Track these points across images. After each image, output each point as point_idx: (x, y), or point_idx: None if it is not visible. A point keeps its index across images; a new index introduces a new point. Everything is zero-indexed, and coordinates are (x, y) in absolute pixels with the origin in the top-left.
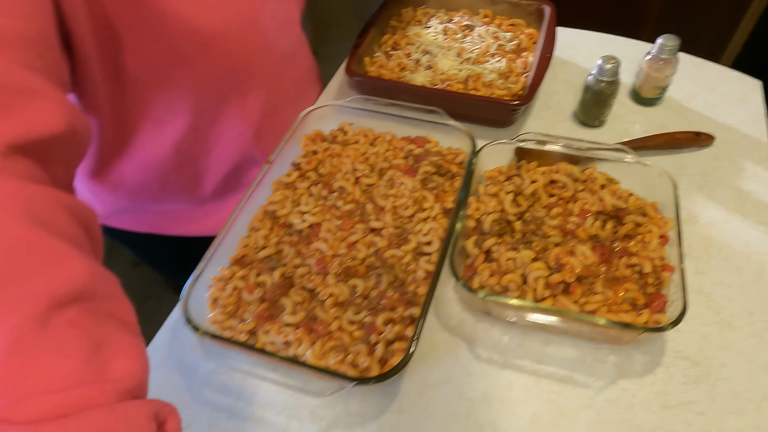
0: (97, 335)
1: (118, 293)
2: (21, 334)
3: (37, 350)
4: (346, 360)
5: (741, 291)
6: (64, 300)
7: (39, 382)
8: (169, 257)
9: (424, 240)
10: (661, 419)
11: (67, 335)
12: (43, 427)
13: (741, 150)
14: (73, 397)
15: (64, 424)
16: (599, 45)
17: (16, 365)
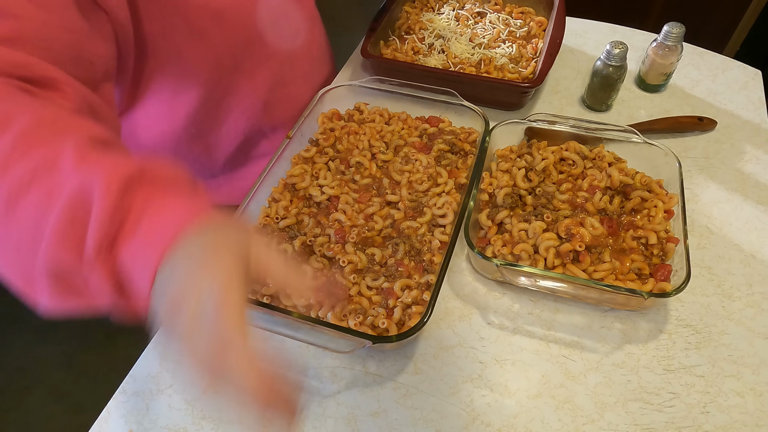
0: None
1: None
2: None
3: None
4: (365, 322)
5: (740, 265)
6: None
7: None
8: None
9: (438, 213)
10: (664, 381)
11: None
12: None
13: (742, 134)
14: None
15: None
16: (606, 34)
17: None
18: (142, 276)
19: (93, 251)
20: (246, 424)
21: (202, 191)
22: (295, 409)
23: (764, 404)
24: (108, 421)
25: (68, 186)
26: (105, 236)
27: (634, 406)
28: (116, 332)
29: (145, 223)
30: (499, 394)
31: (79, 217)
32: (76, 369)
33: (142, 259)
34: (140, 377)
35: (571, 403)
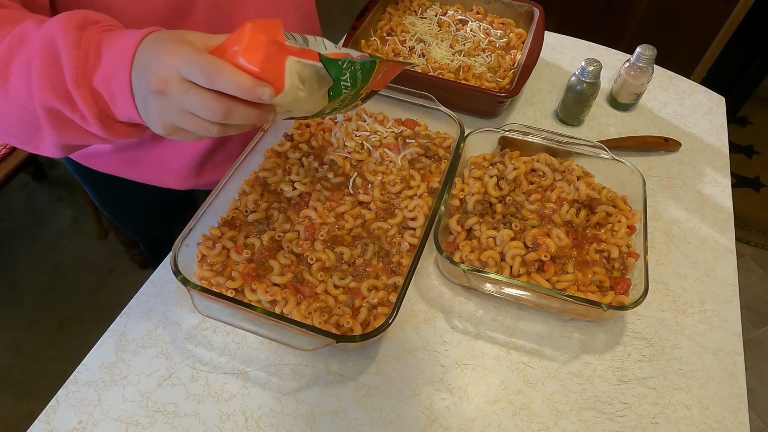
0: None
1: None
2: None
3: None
4: (330, 321)
5: (695, 282)
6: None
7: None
8: (131, 207)
9: (409, 215)
10: (617, 391)
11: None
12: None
13: (704, 157)
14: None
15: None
16: (583, 51)
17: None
18: (119, 86)
19: (72, 82)
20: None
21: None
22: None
23: (709, 417)
24: (56, 411)
25: (37, 44)
26: (77, 68)
27: (588, 414)
28: (70, 319)
29: (105, 48)
30: (459, 398)
31: (51, 60)
32: (26, 355)
33: (114, 74)
34: (93, 367)
35: (527, 409)
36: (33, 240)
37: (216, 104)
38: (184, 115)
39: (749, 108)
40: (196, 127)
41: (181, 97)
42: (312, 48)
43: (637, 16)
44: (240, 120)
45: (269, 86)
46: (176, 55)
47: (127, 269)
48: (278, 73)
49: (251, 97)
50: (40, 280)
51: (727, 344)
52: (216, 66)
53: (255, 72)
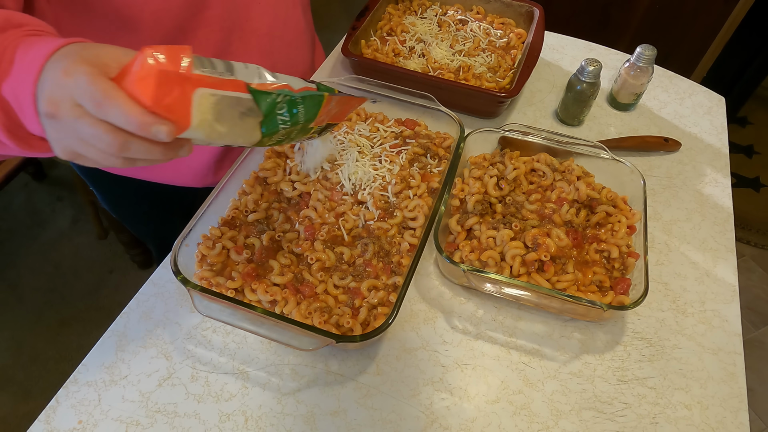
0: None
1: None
2: None
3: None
4: (330, 321)
5: (695, 282)
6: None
7: None
8: (142, 207)
9: (409, 215)
10: (617, 391)
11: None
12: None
13: (704, 157)
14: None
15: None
16: (583, 51)
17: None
18: (25, 99)
19: None
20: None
21: (60, 36)
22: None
23: (709, 417)
24: (56, 411)
25: None
26: None
27: (588, 414)
28: (70, 319)
29: (19, 54)
30: (459, 398)
31: None
32: (26, 355)
33: (21, 85)
34: (93, 367)
35: (527, 409)
36: (33, 240)
37: (109, 137)
38: (81, 142)
39: (749, 108)
40: (96, 157)
41: (72, 124)
42: (239, 77)
43: (637, 16)
44: (140, 155)
45: (166, 123)
46: (71, 77)
47: (127, 269)
48: (182, 107)
49: (144, 134)
50: (40, 280)
51: (727, 344)
52: (106, 95)
53: (146, 105)
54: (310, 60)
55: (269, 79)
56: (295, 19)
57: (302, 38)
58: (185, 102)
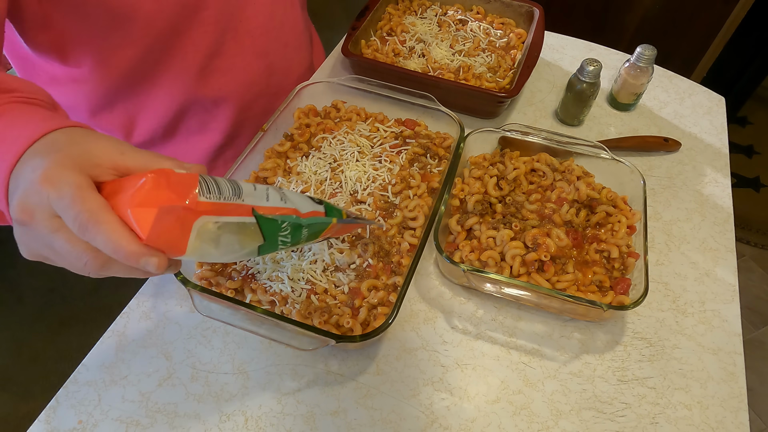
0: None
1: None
2: None
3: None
4: (330, 321)
5: (695, 282)
6: None
7: None
8: None
9: (409, 215)
10: (617, 391)
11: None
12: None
13: (704, 157)
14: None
15: None
16: (583, 51)
17: None
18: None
19: None
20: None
21: (59, 110)
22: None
23: (710, 417)
24: (56, 411)
25: None
26: None
27: (588, 414)
28: (70, 319)
29: (1, 126)
30: (459, 398)
31: None
32: (25, 356)
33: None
34: (93, 367)
35: (527, 409)
36: None
37: (88, 256)
38: (52, 251)
39: (749, 108)
40: (68, 266)
41: (47, 235)
42: (246, 201)
43: (637, 16)
44: (120, 275)
45: (157, 255)
46: (52, 187)
47: None
48: (179, 238)
49: (132, 264)
50: (40, 280)
51: (727, 344)
52: (93, 219)
53: (141, 238)
54: (309, 60)
55: (277, 202)
56: (292, 19)
57: (300, 39)
58: (184, 233)
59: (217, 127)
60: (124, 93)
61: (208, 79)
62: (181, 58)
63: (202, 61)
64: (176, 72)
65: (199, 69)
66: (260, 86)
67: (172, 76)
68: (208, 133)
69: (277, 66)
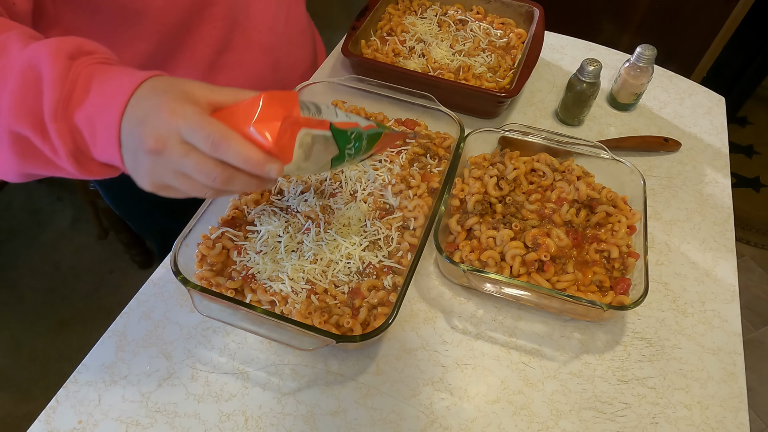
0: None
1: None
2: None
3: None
4: (330, 321)
5: (695, 282)
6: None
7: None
8: (145, 202)
9: (409, 215)
10: (617, 391)
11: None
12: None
13: (704, 157)
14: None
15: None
16: (583, 51)
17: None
18: (106, 129)
19: (50, 114)
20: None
21: (129, 67)
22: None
23: (709, 417)
24: (56, 411)
25: (18, 63)
26: (59, 100)
27: (588, 414)
28: (70, 319)
29: (96, 83)
30: (459, 398)
31: (31, 85)
32: (26, 356)
33: (101, 114)
34: (93, 367)
35: (527, 409)
36: (33, 240)
37: (218, 171)
38: (178, 176)
39: (749, 108)
40: (190, 189)
41: (179, 159)
42: (324, 117)
43: (637, 16)
44: (239, 188)
45: (278, 162)
46: (179, 116)
47: (127, 269)
48: (288, 147)
49: (258, 171)
50: (40, 280)
51: (727, 344)
52: (223, 136)
53: (266, 146)
54: (312, 58)
55: (344, 118)
56: (297, 16)
57: (304, 36)
58: (291, 142)
59: None
60: None
61: (217, 75)
62: (190, 54)
63: (211, 56)
64: (185, 67)
65: (208, 64)
66: (266, 82)
67: (181, 71)
68: None
69: (283, 62)
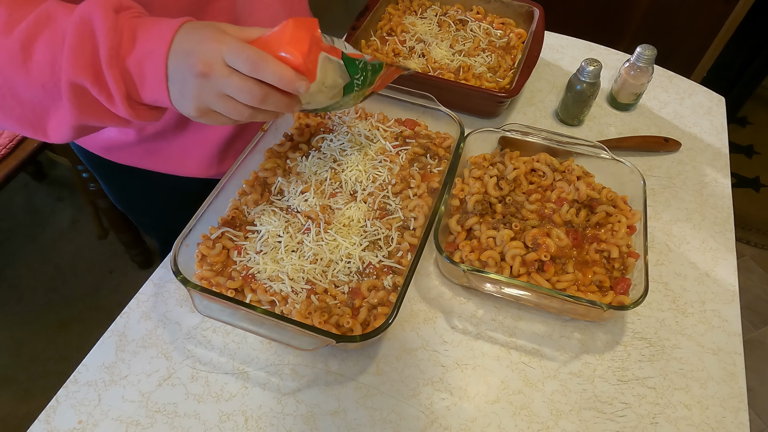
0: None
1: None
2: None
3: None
4: (330, 321)
5: (695, 282)
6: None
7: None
8: (149, 199)
9: (409, 215)
10: (617, 391)
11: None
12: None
13: (704, 157)
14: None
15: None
16: (583, 51)
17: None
18: (154, 68)
19: (106, 62)
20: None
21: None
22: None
23: (709, 417)
24: (56, 411)
25: (72, 22)
26: (111, 47)
27: (588, 414)
28: (70, 319)
29: (141, 32)
30: (459, 398)
31: (86, 38)
32: (26, 356)
33: (149, 57)
34: (93, 367)
35: (527, 409)
36: (33, 240)
37: (257, 88)
38: (221, 98)
39: (749, 108)
40: (230, 110)
41: (223, 80)
42: (337, 46)
43: (637, 16)
44: (272, 106)
45: (306, 80)
46: (222, 43)
47: (127, 269)
48: (313, 67)
49: (289, 88)
50: (40, 280)
51: (727, 344)
52: (261, 57)
53: (296, 64)
54: None
55: (352, 50)
56: (300, 13)
57: None
58: (315, 63)
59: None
60: None
61: None
62: None
63: None
64: None
65: None
66: None
67: None
68: None
69: None
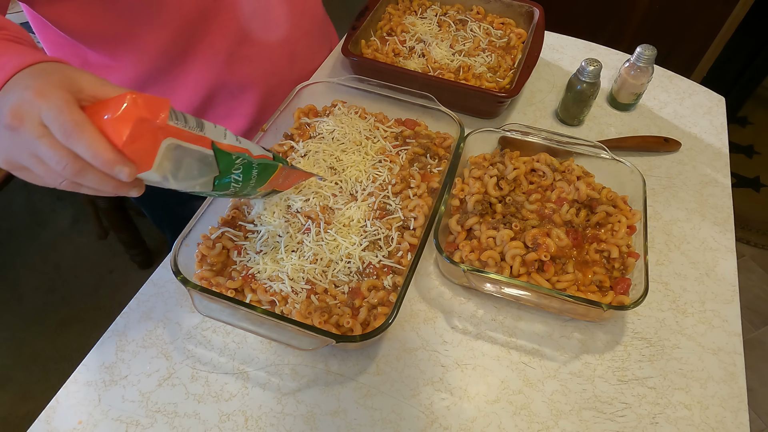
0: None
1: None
2: None
3: None
4: (330, 321)
5: (695, 282)
6: None
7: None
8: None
9: (409, 215)
10: (617, 391)
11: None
12: None
13: (704, 157)
14: None
15: None
16: (583, 51)
17: None
18: None
19: None
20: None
21: (38, 49)
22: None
23: (709, 417)
24: (56, 411)
25: None
26: None
27: (588, 414)
28: (70, 319)
29: None
30: (459, 398)
31: None
32: (26, 356)
33: None
34: (93, 367)
35: (527, 409)
36: (33, 240)
37: (68, 161)
38: (33, 158)
39: (749, 108)
40: (43, 174)
41: (32, 141)
42: (207, 134)
43: (637, 16)
44: (92, 185)
45: (129, 165)
46: (44, 99)
47: (127, 269)
48: (148, 152)
49: (107, 171)
50: (40, 280)
51: (727, 344)
52: (78, 128)
53: (117, 145)
54: (328, 49)
55: (233, 141)
56: (313, 8)
57: (320, 27)
58: (153, 148)
59: (243, 112)
60: (154, 78)
61: (236, 66)
62: (209, 44)
63: (230, 47)
64: (205, 58)
65: (227, 55)
66: (284, 73)
67: (200, 62)
68: (235, 118)
69: (299, 53)
